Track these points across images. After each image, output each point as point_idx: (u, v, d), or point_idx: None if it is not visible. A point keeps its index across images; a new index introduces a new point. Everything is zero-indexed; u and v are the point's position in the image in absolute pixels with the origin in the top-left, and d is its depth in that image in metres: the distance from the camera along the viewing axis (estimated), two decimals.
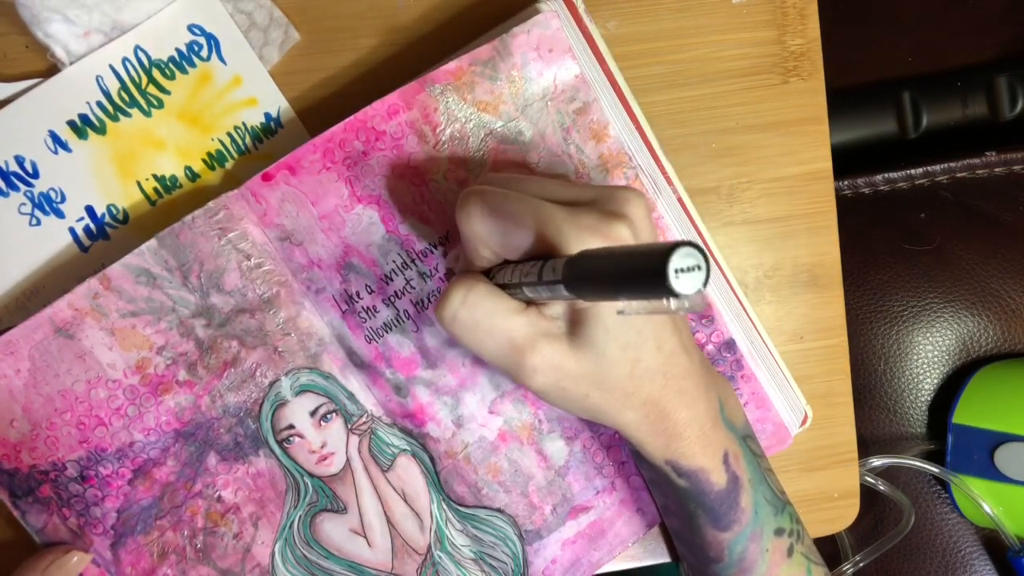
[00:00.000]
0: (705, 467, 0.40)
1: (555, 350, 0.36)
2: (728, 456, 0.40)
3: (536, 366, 0.36)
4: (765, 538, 0.42)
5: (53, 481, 0.43)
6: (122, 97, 0.44)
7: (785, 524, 0.43)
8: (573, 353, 0.36)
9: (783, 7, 0.47)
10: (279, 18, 0.45)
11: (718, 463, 0.40)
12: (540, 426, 0.45)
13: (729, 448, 0.40)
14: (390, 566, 0.45)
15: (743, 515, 0.41)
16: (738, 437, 0.41)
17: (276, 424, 0.44)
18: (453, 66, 0.42)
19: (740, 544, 0.41)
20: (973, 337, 0.65)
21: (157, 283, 0.42)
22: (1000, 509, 0.60)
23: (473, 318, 0.35)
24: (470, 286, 0.36)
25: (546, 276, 0.32)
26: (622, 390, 0.37)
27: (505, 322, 0.35)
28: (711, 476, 0.40)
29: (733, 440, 0.41)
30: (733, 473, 0.40)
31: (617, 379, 0.37)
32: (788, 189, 0.49)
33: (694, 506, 0.41)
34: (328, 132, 0.42)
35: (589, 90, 0.43)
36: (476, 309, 0.35)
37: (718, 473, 0.40)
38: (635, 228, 0.35)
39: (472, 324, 0.36)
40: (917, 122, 0.68)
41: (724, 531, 0.41)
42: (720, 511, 0.40)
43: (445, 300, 0.36)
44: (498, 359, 0.37)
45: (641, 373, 0.37)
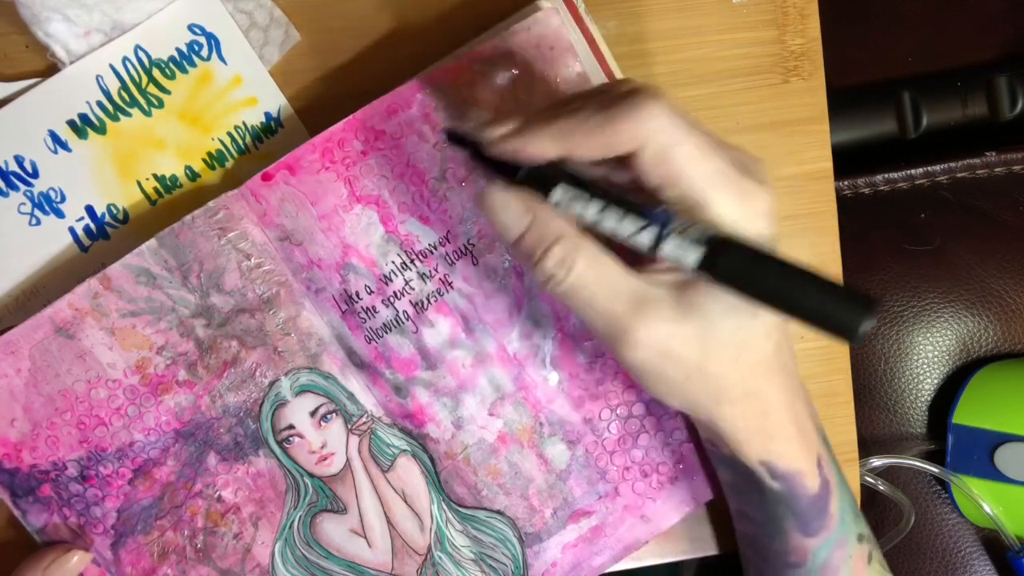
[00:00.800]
0: (802, 470, 0.38)
1: (663, 323, 0.33)
2: (821, 459, 0.39)
3: (640, 340, 0.33)
4: (849, 544, 0.40)
5: (54, 481, 0.43)
6: (122, 97, 0.44)
7: (864, 530, 0.41)
8: (680, 327, 0.33)
9: (783, 7, 0.47)
10: (279, 18, 0.45)
11: (813, 466, 0.38)
12: (541, 429, 0.45)
13: (821, 451, 0.39)
14: (390, 566, 0.45)
15: (831, 520, 0.39)
16: (824, 441, 0.40)
17: (276, 424, 0.44)
18: (453, 65, 0.42)
19: (825, 550, 0.40)
20: (973, 337, 0.65)
21: (157, 283, 0.42)
22: (1000, 509, 0.60)
23: (576, 286, 0.32)
24: (575, 247, 0.32)
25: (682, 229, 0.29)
26: (724, 377, 0.34)
27: (611, 291, 0.32)
28: (806, 480, 0.38)
29: (822, 443, 0.39)
30: (825, 477, 0.39)
31: (721, 364, 0.34)
32: (788, 189, 0.49)
33: (783, 510, 0.39)
34: (327, 132, 0.42)
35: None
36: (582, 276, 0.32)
37: (812, 476, 0.38)
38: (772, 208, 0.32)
39: (572, 292, 0.32)
40: (917, 122, 0.68)
41: (811, 536, 0.39)
42: (810, 516, 0.39)
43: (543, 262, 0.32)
44: (598, 328, 0.33)
45: (747, 361, 0.34)
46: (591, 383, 0.45)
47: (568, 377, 0.45)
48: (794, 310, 0.26)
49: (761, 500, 0.39)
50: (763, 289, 0.27)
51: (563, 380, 0.45)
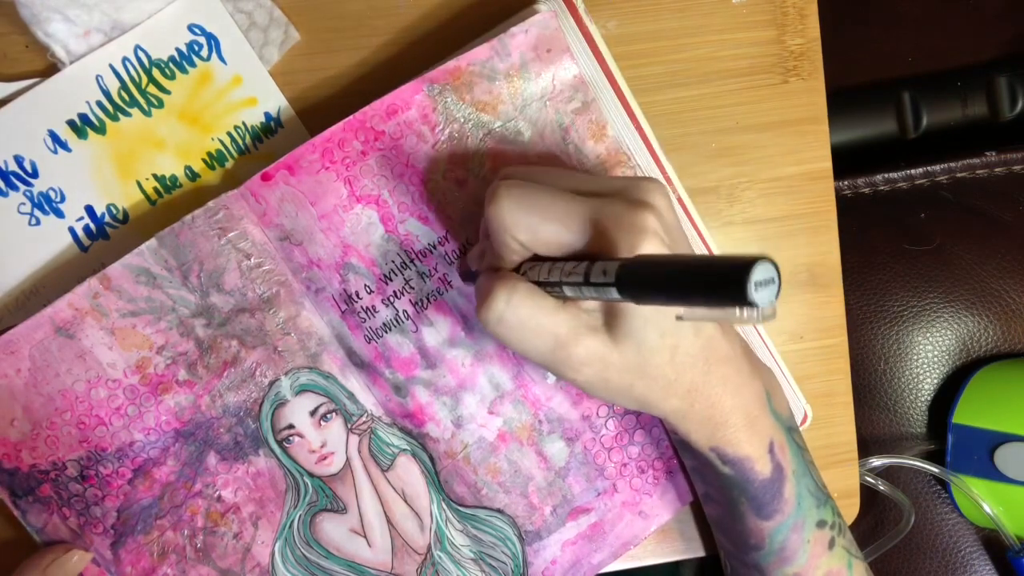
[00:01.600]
0: (750, 455, 0.40)
1: (598, 342, 0.36)
2: (774, 445, 0.40)
3: (582, 359, 0.36)
4: (807, 529, 0.42)
5: (53, 481, 0.43)
6: (122, 97, 0.44)
7: (827, 517, 0.43)
8: (614, 344, 0.36)
9: (783, 7, 0.47)
10: (279, 18, 0.45)
11: (763, 452, 0.40)
12: (540, 427, 0.45)
13: (775, 438, 0.40)
14: (390, 566, 0.45)
15: (786, 505, 0.41)
16: (784, 427, 0.41)
17: (276, 424, 0.44)
18: (452, 66, 0.42)
19: (781, 534, 0.41)
20: (973, 337, 0.65)
21: (157, 283, 0.42)
22: (1000, 509, 0.60)
23: (518, 319, 0.35)
24: (512, 287, 0.35)
25: (594, 278, 0.32)
26: (664, 378, 0.37)
27: (549, 319, 0.35)
28: (756, 465, 0.40)
29: (779, 430, 0.41)
30: (778, 463, 0.40)
31: (658, 367, 0.37)
32: (788, 189, 0.49)
33: (737, 493, 0.41)
34: (327, 132, 0.42)
35: (588, 90, 0.43)
36: (520, 309, 0.35)
37: (763, 462, 0.40)
38: (661, 217, 0.35)
39: (517, 324, 0.36)
40: (917, 122, 0.68)
41: (766, 520, 0.41)
42: (763, 500, 0.41)
43: (489, 302, 0.35)
44: (543, 356, 0.37)
45: (681, 359, 0.37)
46: None
47: None
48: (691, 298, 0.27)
49: (718, 483, 0.41)
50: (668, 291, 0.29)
51: None
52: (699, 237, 0.46)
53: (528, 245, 0.36)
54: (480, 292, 0.37)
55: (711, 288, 0.26)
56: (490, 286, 0.36)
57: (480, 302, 0.36)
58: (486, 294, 0.36)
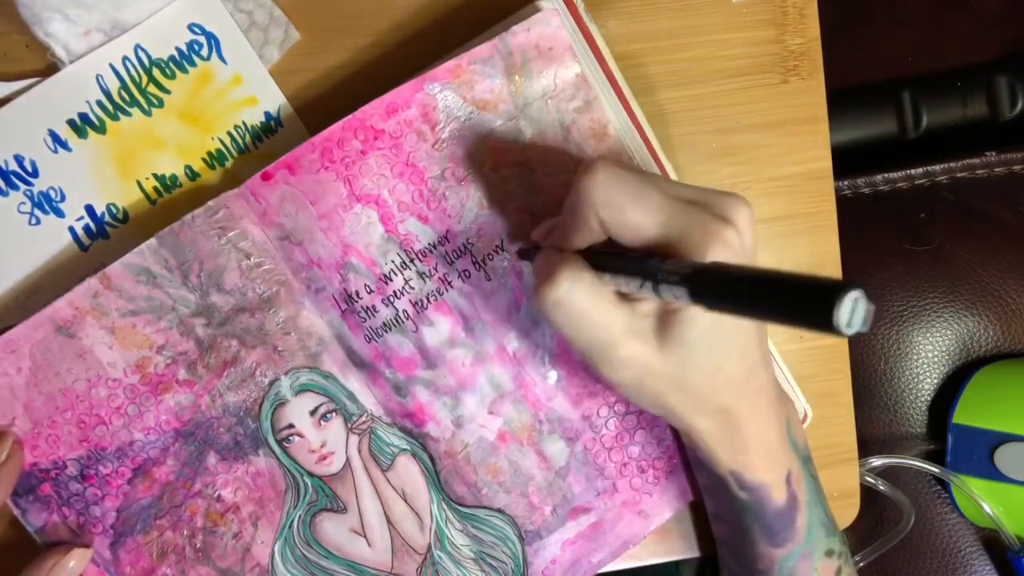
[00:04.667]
0: (768, 483, 0.40)
1: (644, 348, 0.36)
2: (791, 475, 0.41)
3: (624, 360, 0.36)
4: (816, 558, 0.42)
5: (54, 480, 0.43)
6: (122, 96, 0.44)
7: (835, 546, 0.43)
8: (661, 352, 0.36)
9: (783, 7, 0.47)
10: (279, 17, 0.45)
11: (780, 480, 0.40)
12: (540, 427, 0.45)
13: (792, 467, 0.41)
14: (390, 566, 0.45)
15: (797, 534, 0.41)
16: (800, 458, 0.42)
17: (276, 423, 0.44)
18: (452, 64, 0.42)
19: (791, 561, 0.42)
20: (973, 337, 0.65)
21: (157, 282, 0.42)
22: (1000, 509, 0.60)
23: (576, 307, 0.35)
24: (577, 274, 0.35)
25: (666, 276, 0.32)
26: (700, 394, 0.37)
27: (605, 315, 0.35)
28: (772, 492, 0.40)
29: (795, 460, 0.41)
30: (793, 492, 0.41)
31: (698, 383, 0.37)
32: (788, 189, 0.49)
33: (751, 519, 0.41)
34: (327, 131, 0.42)
35: (589, 89, 0.43)
36: (581, 298, 0.35)
37: (779, 490, 0.40)
38: (740, 235, 0.35)
39: (573, 312, 0.35)
40: (917, 122, 0.68)
41: (777, 547, 0.41)
42: (776, 528, 0.41)
43: (551, 282, 0.35)
44: (588, 348, 0.36)
45: (721, 381, 0.37)
46: (589, 381, 0.45)
47: (567, 375, 0.45)
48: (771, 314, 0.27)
49: (732, 506, 0.42)
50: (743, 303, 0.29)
51: (562, 378, 0.45)
52: None
53: (610, 226, 0.35)
54: (541, 270, 0.37)
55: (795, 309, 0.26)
56: (554, 267, 0.35)
57: (540, 280, 0.36)
58: (548, 274, 0.35)
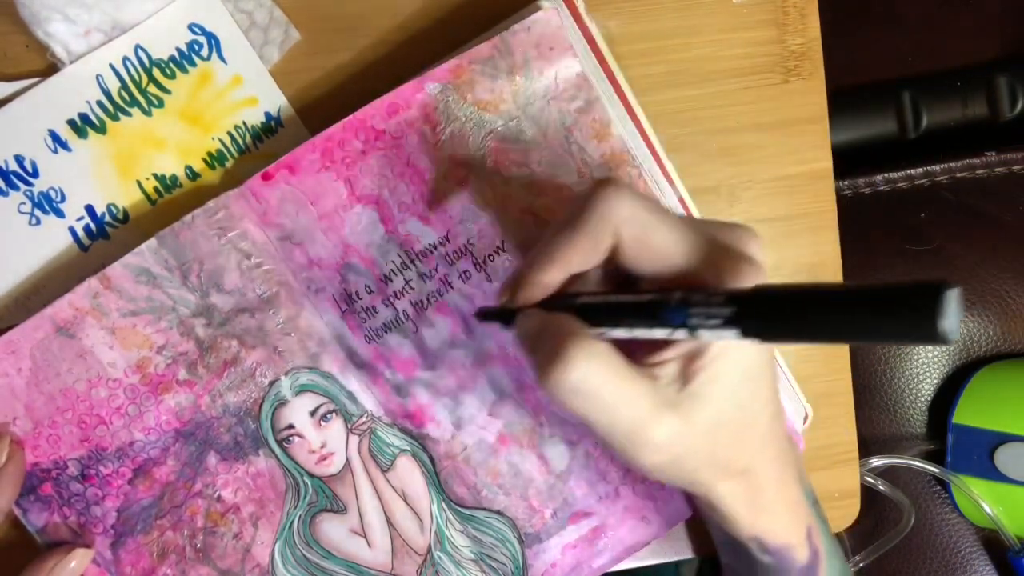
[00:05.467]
0: (791, 543, 0.38)
1: (678, 421, 0.31)
2: (811, 531, 0.39)
3: (660, 443, 0.31)
4: None
5: (55, 480, 0.43)
6: (122, 96, 0.44)
7: None
8: (692, 422, 0.31)
9: (783, 6, 0.47)
10: (279, 17, 0.45)
11: (802, 539, 0.38)
12: (541, 430, 0.45)
13: (810, 521, 0.39)
14: (390, 566, 0.45)
15: None
16: (813, 506, 0.40)
17: (276, 424, 0.44)
18: (453, 64, 0.42)
19: None
20: (973, 337, 0.65)
21: (157, 282, 0.42)
22: (1000, 509, 0.60)
23: (596, 391, 0.30)
24: (591, 350, 0.29)
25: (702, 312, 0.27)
26: (727, 457, 0.34)
27: (629, 393, 0.30)
28: (795, 553, 0.38)
29: (810, 512, 0.39)
30: (814, 548, 0.39)
31: (727, 447, 0.33)
32: (788, 189, 0.49)
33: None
34: (327, 131, 0.42)
35: (591, 89, 0.43)
36: (601, 380, 0.30)
37: (801, 549, 0.39)
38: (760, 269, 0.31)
39: (593, 395, 0.30)
40: (917, 122, 0.68)
41: None
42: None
43: (563, 365, 0.29)
44: (613, 434, 0.31)
45: (748, 438, 0.34)
46: None
47: None
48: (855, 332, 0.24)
49: (751, 568, 0.40)
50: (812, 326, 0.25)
51: None
52: None
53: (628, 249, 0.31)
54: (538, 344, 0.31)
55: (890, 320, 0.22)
56: (560, 342, 0.30)
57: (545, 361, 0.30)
58: (554, 351, 0.30)
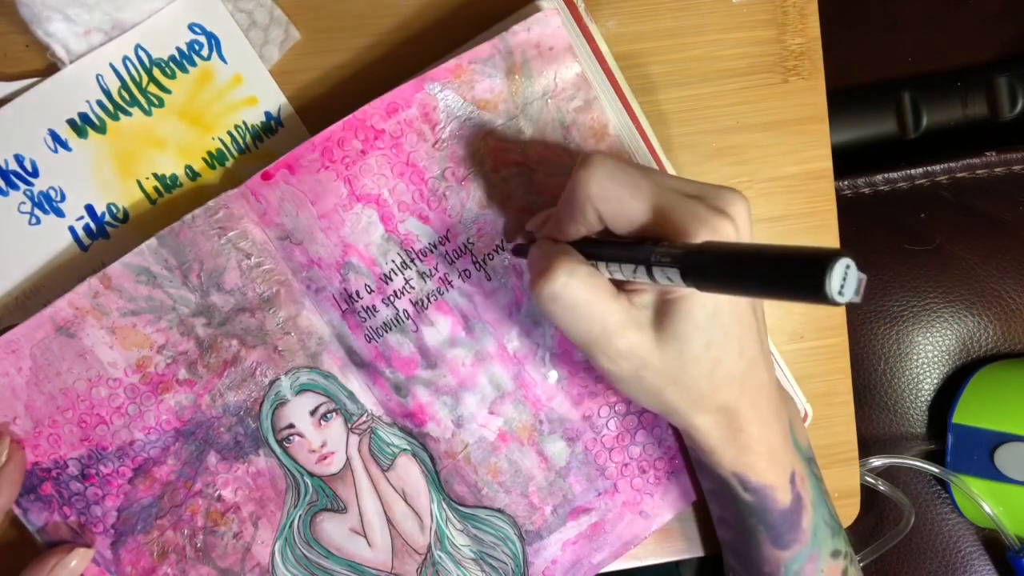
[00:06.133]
0: (773, 484, 0.40)
1: (642, 339, 0.36)
2: (795, 476, 0.40)
3: (621, 351, 0.36)
4: (822, 559, 0.42)
5: (55, 479, 0.43)
6: (122, 96, 0.44)
7: (841, 547, 0.43)
8: (657, 344, 0.36)
9: (783, 6, 0.47)
10: (279, 17, 0.45)
11: (785, 482, 0.40)
12: (541, 427, 0.45)
13: (796, 468, 0.41)
14: (390, 566, 0.45)
15: (803, 535, 0.41)
16: (803, 458, 0.42)
17: (276, 423, 0.44)
18: (452, 64, 0.42)
19: (797, 563, 0.41)
20: (973, 337, 0.65)
21: (157, 282, 0.42)
22: (1000, 509, 0.60)
23: (572, 300, 0.35)
24: (572, 267, 0.35)
25: (658, 258, 0.32)
26: (699, 390, 0.37)
27: (602, 307, 0.35)
28: (777, 494, 0.40)
29: (800, 460, 0.41)
30: (798, 493, 0.40)
31: (695, 378, 0.36)
32: (788, 189, 0.49)
33: (755, 521, 0.41)
34: (327, 131, 0.42)
35: (590, 89, 0.43)
36: (577, 291, 0.35)
37: (784, 492, 0.40)
38: (738, 228, 0.34)
39: (570, 305, 0.35)
40: (917, 122, 0.68)
41: (783, 549, 0.41)
42: (781, 530, 0.41)
43: (547, 277, 0.35)
44: (584, 340, 0.36)
45: (721, 376, 0.37)
46: (590, 381, 0.45)
47: (567, 375, 0.45)
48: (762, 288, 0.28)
49: (736, 509, 0.41)
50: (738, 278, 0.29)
51: (562, 378, 0.45)
52: None
53: (607, 219, 0.35)
54: (536, 264, 0.36)
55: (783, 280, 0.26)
56: (549, 261, 0.35)
57: (536, 275, 0.36)
58: (544, 268, 0.35)
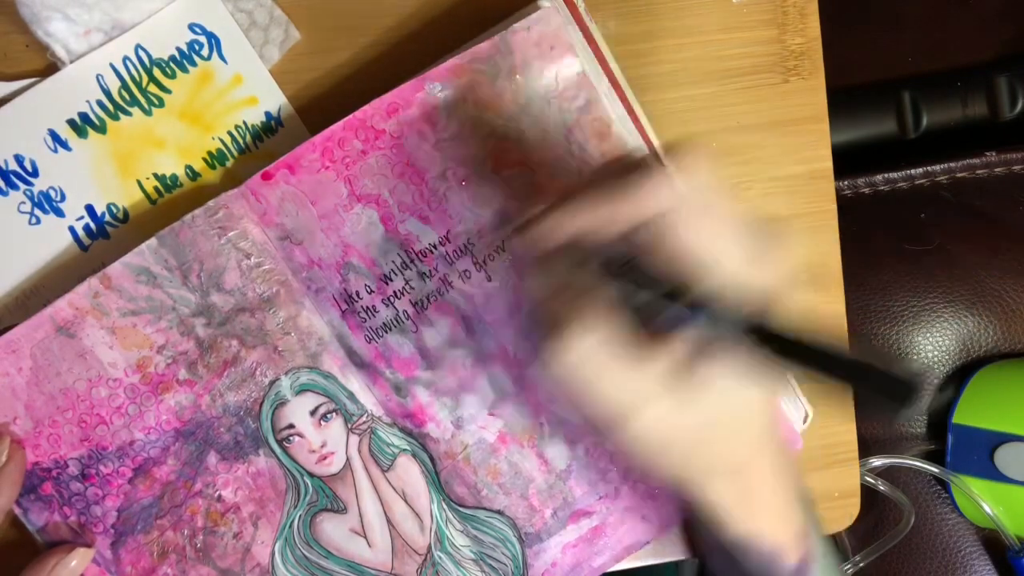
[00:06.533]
0: (781, 546, 0.38)
1: (666, 412, 0.33)
2: (802, 534, 0.39)
3: (649, 426, 0.33)
4: None
5: (55, 479, 0.43)
6: (123, 96, 0.44)
7: None
8: (682, 415, 0.33)
9: (783, 6, 0.47)
10: (279, 17, 0.45)
11: (792, 541, 0.39)
12: (541, 429, 0.45)
13: (803, 525, 0.39)
14: (390, 566, 0.45)
15: None
16: (809, 510, 0.40)
17: (276, 423, 0.44)
18: (453, 64, 0.42)
19: None
20: (973, 337, 0.65)
21: (157, 282, 0.42)
22: (1000, 509, 0.60)
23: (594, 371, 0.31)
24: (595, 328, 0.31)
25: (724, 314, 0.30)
26: (720, 455, 0.35)
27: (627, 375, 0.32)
28: (785, 556, 0.39)
29: (806, 514, 0.40)
30: (805, 551, 0.39)
31: (720, 442, 0.35)
32: (788, 189, 0.49)
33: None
34: (327, 131, 0.42)
35: (591, 88, 0.43)
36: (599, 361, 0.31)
37: (792, 552, 0.39)
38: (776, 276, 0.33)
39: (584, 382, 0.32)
40: (917, 122, 0.68)
41: None
42: None
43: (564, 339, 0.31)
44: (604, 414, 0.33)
45: (743, 438, 0.36)
46: None
47: None
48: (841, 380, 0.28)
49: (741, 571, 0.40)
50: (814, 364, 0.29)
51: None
52: None
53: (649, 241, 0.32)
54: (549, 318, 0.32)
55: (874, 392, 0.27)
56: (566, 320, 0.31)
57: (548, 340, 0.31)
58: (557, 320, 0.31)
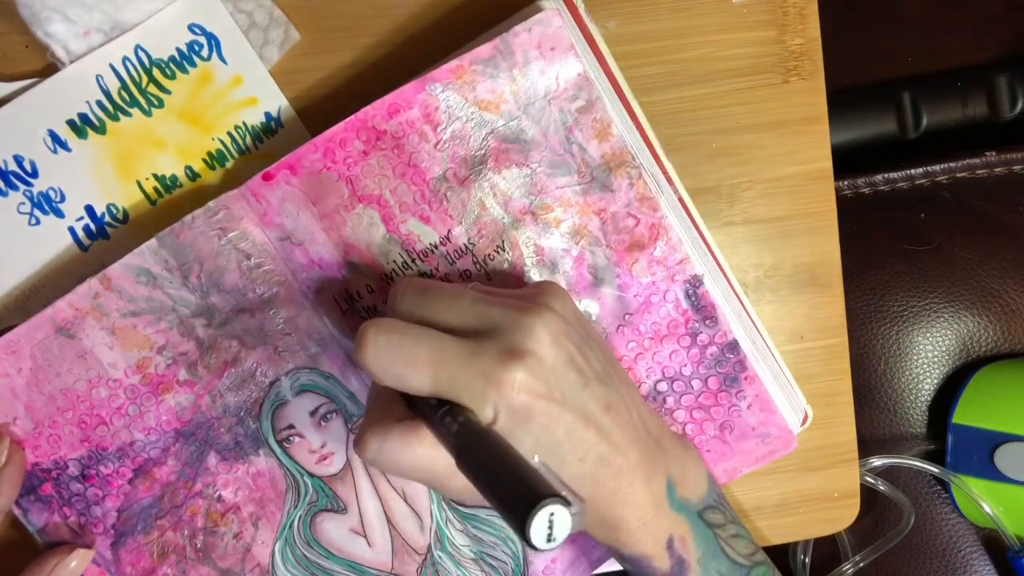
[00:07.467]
0: (647, 554, 0.39)
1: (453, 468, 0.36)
2: (673, 540, 0.40)
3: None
4: None
5: (55, 480, 0.43)
6: (122, 96, 0.44)
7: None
8: None
9: (783, 6, 0.47)
10: (279, 17, 0.45)
11: (661, 549, 0.40)
12: None
13: (675, 532, 0.40)
14: (390, 566, 0.45)
15: None
16: (690, 516, 0.41)
17: (276, 424, 0.44)
18: (454, 65, 0.42)
19: None
20: (973, 337, 0.64)
21: (157, 283, 0.42)
22: (1000, 509, 0.60)
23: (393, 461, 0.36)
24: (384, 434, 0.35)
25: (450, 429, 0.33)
26: None
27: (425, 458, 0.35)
28: (653, 562, 0.40)
29: (682, 522, 0.40)
30: (679, 557, 0.40)
31: None
32: (788, 189, 0.49)
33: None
34: (329, 132, 0.42)
35: (592, 89, 0.43)
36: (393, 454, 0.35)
37: (661, 559, 0.40)
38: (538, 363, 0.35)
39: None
40: (917, 122, 0.68)
41: None
42: None
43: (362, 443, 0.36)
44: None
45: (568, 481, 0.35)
46: None
47: None
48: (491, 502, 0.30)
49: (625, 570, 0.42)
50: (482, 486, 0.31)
51: None
52: (700, 238, 0.46)
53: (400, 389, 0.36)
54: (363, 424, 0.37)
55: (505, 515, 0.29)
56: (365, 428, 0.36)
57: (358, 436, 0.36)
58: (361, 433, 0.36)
